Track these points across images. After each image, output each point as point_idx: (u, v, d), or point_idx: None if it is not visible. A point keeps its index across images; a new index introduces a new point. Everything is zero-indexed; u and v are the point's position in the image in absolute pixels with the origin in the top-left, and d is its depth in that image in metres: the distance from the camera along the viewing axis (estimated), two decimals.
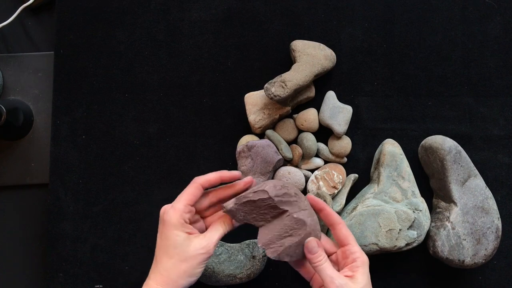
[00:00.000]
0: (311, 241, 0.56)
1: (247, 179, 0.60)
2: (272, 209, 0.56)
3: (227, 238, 0.73)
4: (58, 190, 0.76)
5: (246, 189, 0.60)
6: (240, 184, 0.60)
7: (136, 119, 0.77)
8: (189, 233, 0.56)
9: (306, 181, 0.73)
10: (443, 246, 0.68)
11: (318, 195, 0.69)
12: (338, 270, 0.57)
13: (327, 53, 0.74)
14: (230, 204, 0.56)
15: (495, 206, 0.69)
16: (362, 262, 0.56)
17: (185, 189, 0.58)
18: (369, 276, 0.56)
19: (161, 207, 0.63)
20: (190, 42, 0.78)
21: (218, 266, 0.68)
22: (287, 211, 0.56)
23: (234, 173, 0.60)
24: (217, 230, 0.58)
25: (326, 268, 0.55)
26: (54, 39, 0.79)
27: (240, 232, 0.74)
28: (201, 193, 0.58)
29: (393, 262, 0.74)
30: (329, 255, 0.59)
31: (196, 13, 0.79)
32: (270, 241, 0.56)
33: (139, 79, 0.78)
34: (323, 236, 0.60)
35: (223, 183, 0.60)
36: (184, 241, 0.55)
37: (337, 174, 0.72)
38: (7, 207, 0.79)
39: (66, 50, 0.78)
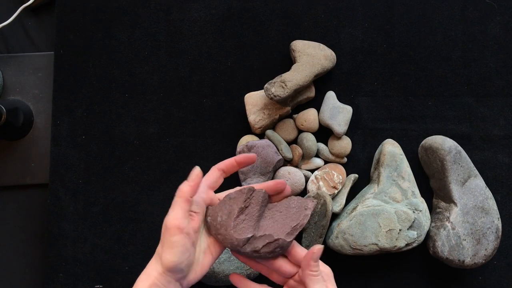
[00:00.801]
0: (321, 249, 0.54)
1: (251, 156, 0.58)
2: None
3: None
4: (58, 190, 0.76)
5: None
6: (271, 183, 0.58)
7: (136, 119, 0.77)
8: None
9: (306, 181, 0.73)
10: (443, 246, 0.68)
11: (318, 195, 0.69)
12: None
13: (327, 53, 0.74)
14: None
15: (495, 206, 0.69)
16: (327, 276, 0.54)
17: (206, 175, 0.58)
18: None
19: (161, 207, 0.63)
20: (190, 42, 0.78)
21: (218, 266, 0.68)
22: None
23: (250, 155, 0.58)
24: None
25: (320, 281, 0.54)
26: (54, 39, 0.79)
27: None
28: (221, 179, 0.58)
29: (393, 262, 0.74)
30: (290, 277, 0.57)
31: (196, 13, 0.79)
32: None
33: (139, 79, 0.78)
34: (281, 259, 0.57)
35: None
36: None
37: (337, 174, 0.72)
38: (7, 207, 0.79)
39: (66, 50, 0.78)
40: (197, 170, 0.55)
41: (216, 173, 0.58)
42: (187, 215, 0.54)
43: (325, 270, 0.55)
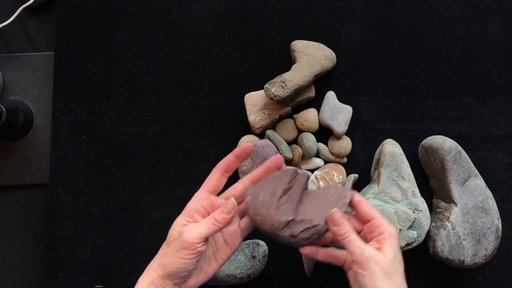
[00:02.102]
0: (335, 213, 0.53)
1: (277, 156, 0.58)
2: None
3: None
4: (58, 190, 0.76)
5: (276, 167, 0.58)
6: (269, 162, 0.58)
7: (136, 119, 0.77)
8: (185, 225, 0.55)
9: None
10: (443, 246, 0.68)
11: None
12: None
13: (327, 53, 0.74)
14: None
15: (495, 206, 0.69)
16: (389, 235, 0.54)
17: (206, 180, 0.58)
18: (399, 249, 0.54)
19: (161, 207, 0.63)
20: (190, 42, 0.78)
21: None
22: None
23: (247, 145, 0.57)
24: (202, 226, 0.55)
25: (355, 239, 0.53)
26: (54, 39, 0.79)
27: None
28: (222, 180, 0.57)
29: None
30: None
31: (196, 13, 0.79)
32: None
33: (139, 79, 0.78)
34: (345, 214, 0.57)
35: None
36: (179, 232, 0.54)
37: (337, 174, 0.72)
38: (7, 207, 0.79)
39: (66, 50, 0.78)
40: (232, 203, 0.55)
41: (215, 175, 0.57)
42: (206, 239, 0.54)
43: (388, 230, 0.54)
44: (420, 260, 0.74)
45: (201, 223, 0.54)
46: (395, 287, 0.52)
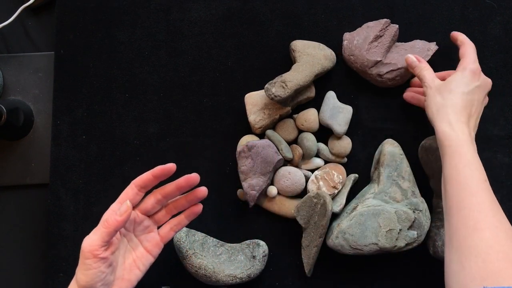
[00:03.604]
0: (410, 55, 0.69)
1: (191, 175, 0.60)
2: None
3: (227, 238, 0.73)
4: (58, 190, 0.76)
5: (189, 185, 0.60)
6: (181, 179, 0.60)
7: (136, 119, 0.77)
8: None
9: (306, 181, 0.73)
10: (443, 246, 0.68)
11: (317, 195, 0.69)
12: None
13: (327, 53, 0.74)
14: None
15: None
16: (462, 67, 0.64)
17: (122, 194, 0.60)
18: (473, 84, 0.63)
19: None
20: (190, 42, 0.78)
21: (218, 266, 0.68)
22: None
23: (167, 166, 0.59)
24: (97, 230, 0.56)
25: (424, 72, 0.66)
26: (54, 39, 0.79)
27: (240, 232, 0.74)
28: (139, 195, 0.59)
29: (393, 262, 0.74)
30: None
31: (196, 13, 0.79)
32: None
33: (139, 79, 0.78)
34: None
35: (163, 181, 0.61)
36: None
37: (337, 174, 0.72)
38: (7, 207, 0.79)
39: (66, 50, 0.79)
40: (126, 206, 0.57)
41: (132, 190, 0.59)
42: (105, 244, 0.55)
43: (464, 63, 0.65)
44: (420, 260, 0.74)
45: (95, 229, 0.56)
46: (445, 101, 0.61)
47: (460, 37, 0.68)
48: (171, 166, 0.59)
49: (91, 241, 0.55)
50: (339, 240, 0.67)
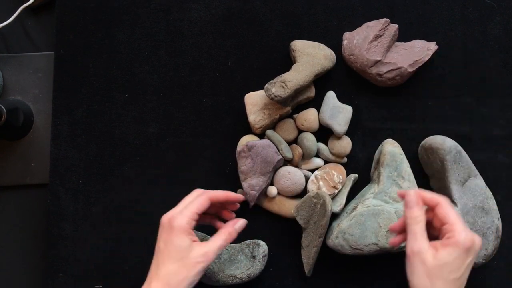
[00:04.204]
0: (410, 194, 0.56)
1: (240, 196, 0.66)
2: None
3: None
4: (58, 190, 0.76)
5: (235, 201, 0.65)
6: (231, 194, 0.65)
7: (136, 119, 0.77)
8: (193, 241, 0.58)
9: (306, 181, 0.73)
10: None
11: (317, 195, 0.69)
12: (437, 237, 0.55)
13: (327, 53, 0.74)
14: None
15: (495, 206, 0.69)
16: (455, 243, 0.52)
17: (194, 199, 0.61)
18: (465, 263, 0.52)
19: (161, 207, 0.63)
20: (190, 42, 0.78)
21: (218, 266, 0.68)
22: None
23: (239, 196, 0.65)
24: (219, 239, 0.60)
25: (416, 229, 0.54)
26: (54, 39, 0.79)
27: (240, 232, 0.74)
28: (208, 206, 0.61)
29: (393, 262, 0.74)
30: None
31: (196, 13, 0.79)
32: None
33: (138, 79, 0.78)
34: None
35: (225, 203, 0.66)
36: (188, 247, 0.57)
37: (337, 174, 0.72)
38: (7, 207, 0.79)
39: (66, 50, 0.78)
40: (244, 223, 0.65)
41: (207, 203, 0.61)
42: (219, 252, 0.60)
43: (456, 238, 0.52)
44: None
45: (215, 239, 0.60)
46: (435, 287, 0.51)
47: (428, 195, 0.57)
48: (241, 197, 0.66)
49: (214, 249, 0.59)
50: (339, 240, 0.67)
